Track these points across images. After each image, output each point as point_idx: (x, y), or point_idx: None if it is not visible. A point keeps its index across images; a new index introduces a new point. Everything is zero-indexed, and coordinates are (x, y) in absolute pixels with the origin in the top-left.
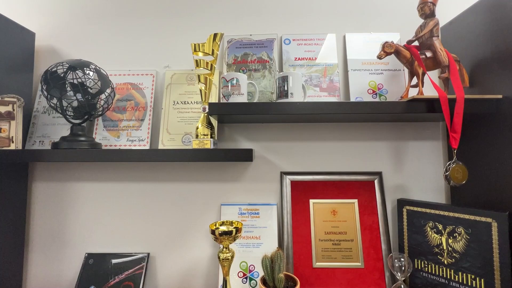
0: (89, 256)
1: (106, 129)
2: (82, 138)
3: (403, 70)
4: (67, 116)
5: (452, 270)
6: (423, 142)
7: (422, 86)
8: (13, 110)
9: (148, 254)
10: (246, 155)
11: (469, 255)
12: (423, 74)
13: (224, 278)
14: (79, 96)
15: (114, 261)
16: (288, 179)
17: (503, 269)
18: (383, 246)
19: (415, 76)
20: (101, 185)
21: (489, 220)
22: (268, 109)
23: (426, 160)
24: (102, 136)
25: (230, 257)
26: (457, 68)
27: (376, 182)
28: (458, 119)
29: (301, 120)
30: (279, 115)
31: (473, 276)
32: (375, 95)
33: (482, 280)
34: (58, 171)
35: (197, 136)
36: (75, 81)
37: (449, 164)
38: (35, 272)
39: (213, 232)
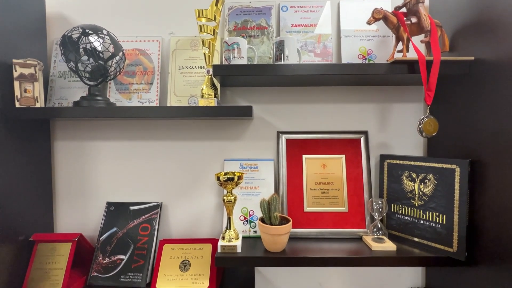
0: (110, 204)
1: (119, 92)
2: (99, 98)
3: (392, 36)
4: (83, 78)
5: (421, 211)
6: (406, 104)
7: (407, 51)
8: (35, 72)
9: (161, 203)
10: (246, 111)
11: (436, 197)
12: (408, 39)
13: (228, 217)
14: (92, 61)
15: (132, 207)
16: (284, 137)
17: (461, 205)
18: (365, 194)
19: (400, 41)
20: (118, 143)
21: (453, 166)
22: (266, 70)
23: (408, 120)
24: (115, 98)
25: (233, 200)
26: (437, 32)
27: (362, 140)
28: (433, 79)
29: (296, 83)
30: (276, 76)
31: (437, 214)
32: (364, 60)
33: (444, 216)
34: (77, 131)
35: (202, 96)
36: (88, 46)
37: (423, 119)
38: (64, 218)
39: (218, 178)
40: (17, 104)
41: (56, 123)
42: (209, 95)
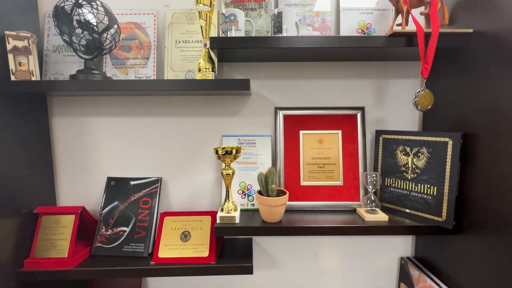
0: (110, 179)
1: (115, 67)
2: (96, 72)
3: (391, 9)
4: (78, 52)
5: (413, 183)
6: (404, 80)
7: (406, 24)
8: (29, 45)
9: (161, 178)
10: (244, 85)
11: (428, 170)
12: (407, 12)
13: (226, 189)
14: (86, 34)
15: (132, 182)
16: (281, 113)
17: (451, 177)
18: (360, 169)
19: (400, 14)
20: (116, 119)
21: (446, 139)
22: (264, 42)
23: (405, 96)
24: (112, 73)
25: (231, 173)
26: (437, 4)
27: (358, 115)
28: (431, 52)
29: (294, 58)
30: (274, 49)
31: (428, 186)
32: (363, 34)
33: (435, 187)
34: (74, 107)
35: (199, 70)
36: (82, 19)
37: (418, 92)
38: (66, 193)
39: (216, 152)
40: (12, 78)
41: (53, 99)
42: (206, 69)
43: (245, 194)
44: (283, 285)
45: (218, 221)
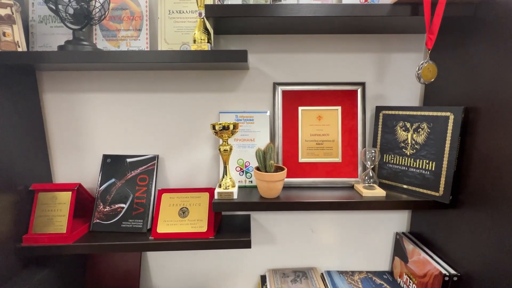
0: (106, 156)
1: (106, 39)
2: (85, 43)
3: None
4: (66, 21)
5: (412, 159)
6: (407, 54)
7: None
8: (12, 13)
9: (157, 155)
10: (241, 56)
11: (427, 145)
12: None
13: (224, 166)
14: (73, 1)
15: (128, 160)
16: (280, 89)
17: (451, 152)
18: (359, 145)
19: None
20: (110, 95)
21: (448, 114)
22: (262, 10)
23: (408, 71)
24: (102, 46)
25: (229, 149)
26: None
27: (359, 91)
28: (437, 21)
29: (294, 29)
30: (273, 18)
31: (427, 161)
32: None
33: (434, 163)
34: (65, 82)
35: (194, 41)
36: None
37: (422, 64)
38: (61, 171)
39: (213, 127)
40: None
41: (43, 74)
42: (201, 39)
43: (243, 171)
44: (281, 260)
45: (216, 197)
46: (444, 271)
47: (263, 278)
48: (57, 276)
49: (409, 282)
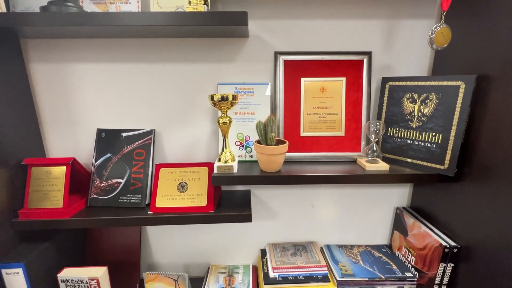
0: (100, 131)
1: (93, 2)
2: (70, 4)
3: None
4: None
5: (417, 132)
6: (417, 21)
7: None
8: None
9: (154, 129)
10: (240, 18)
11: (435, 117)
12: None
13: (223, 139)
14: None
15: (124, 134)
16: (281, 58)
17: (459, 123)
18: (363, 119)
19: None
20: (101, 66)
21: (459, 83)
22: None
23: (417, 39)
24: (90, 10)
25: (228, 122)
26: None
27: (365, 61)
28: None
29: None
30: None
31: (433, 134)
32: None
33: (441, 135)
34: (53, 51)
35: (190, 3)
36: None
37: (436, 27)
38: (54, 146)
39: (212, 98)
40: None
41: (28, 42)
42: (198, 1)
43: (243, 146)
44: (281, 235)
45: (215, 171)
46: (444, 243)
47: (263, 252)
48: (56, 250)
49: (408, 254)
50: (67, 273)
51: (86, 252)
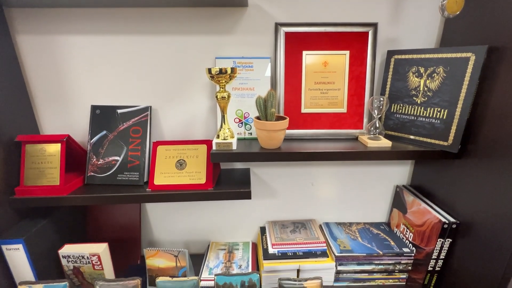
0: (95, 107)
1: None
2: None
3: None
4: None
5: (422, 108)
6: None
7: None
8: None
9: (150, 106)
10: None
11: (441, 92)
12: None
13: (222, 115)
14: None
15: (119, 111)
16: (282, 30)
17: (467, 97)
18: (366, 95)
19: None
20: (92, 38)
21: (468, 54)
22: None
23: (427, 10)
24: None
25: (226, 96)
26: None
27: (370, 33)
28: None
29: None
30: None
31: (439, 109)
32: None
33: (446, 110)
34: (42, 22)
35: None
36: None
37: None
38: (48, 124)
39: (209, 71)
40: None
41: (13, 12)
42: None
43: (242, 123)
44: (281, 214)
45: (214, 147)
46: (443, 219)
47: (262, 229)
48: (56, 227)
49: (406, 231)
50: (68, 249)
51: (86, 230)
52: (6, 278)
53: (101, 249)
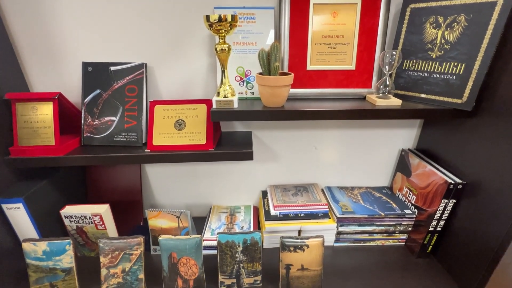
0: (86, 64)
1: None
2: None
3: None
4: None
5: (437, 63)
6: None
7: None
8: None
9: (145, 63)
10: None
11: (459, 44)
12: None
13: (222, 70)
14: None
15: (112, 68)
16: None
17: (488, 48)
18: (378, 50)
19: None
20: None
21: None
22: None
23: None
24: None
25: (226, 49)
26: None
27: None
28: None
29: None
30: None
31: (455, 63)
32: None
33: (464, 64)
34: None
35: None
36: None
37: None
38: (38, 82)
39: (208, 19)
40: None
41: None
42: None
43: (243, 81)
44: (283, 177)
45: (214, 105)
46: (449, 180)
47: (264, 193)
48: (56, 188)
49: (409, 194)
50: (70, 210)
51: (87, 193)
52: (10, 236)
53: (103, 209)
